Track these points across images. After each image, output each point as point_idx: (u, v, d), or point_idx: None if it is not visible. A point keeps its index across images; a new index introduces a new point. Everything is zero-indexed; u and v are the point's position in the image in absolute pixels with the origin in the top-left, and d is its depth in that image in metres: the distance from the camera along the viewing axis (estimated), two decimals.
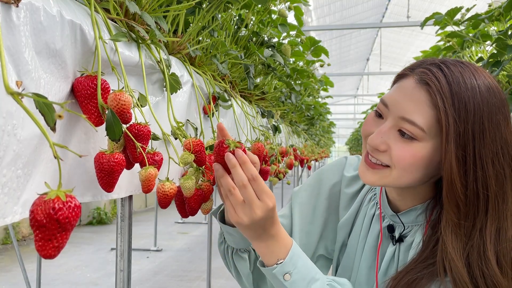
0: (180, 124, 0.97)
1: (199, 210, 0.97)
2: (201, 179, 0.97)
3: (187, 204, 0.95)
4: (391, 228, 0.91)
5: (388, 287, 0.80)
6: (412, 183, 0.80)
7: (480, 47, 2.30)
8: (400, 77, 0.83)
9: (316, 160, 5.63)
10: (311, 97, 3.92)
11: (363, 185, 1.01)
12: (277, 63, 1.87)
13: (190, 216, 0.98)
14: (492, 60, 1.82)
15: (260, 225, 0.74)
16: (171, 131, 0.97)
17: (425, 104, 0.75)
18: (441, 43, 2.64)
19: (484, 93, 0.74)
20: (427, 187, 0.85)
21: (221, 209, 0.91)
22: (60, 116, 0.43)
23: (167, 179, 0.86)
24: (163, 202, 0.85)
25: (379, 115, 0.83)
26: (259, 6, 1.70)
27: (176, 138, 0.97)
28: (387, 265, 0.89)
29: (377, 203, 0.96)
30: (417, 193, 0.86)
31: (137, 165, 0.82)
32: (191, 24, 1.25)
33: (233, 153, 0.73)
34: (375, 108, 0.86)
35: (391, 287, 0.80)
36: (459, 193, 0.73)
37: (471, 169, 0.73)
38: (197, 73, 1.27)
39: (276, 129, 2.25)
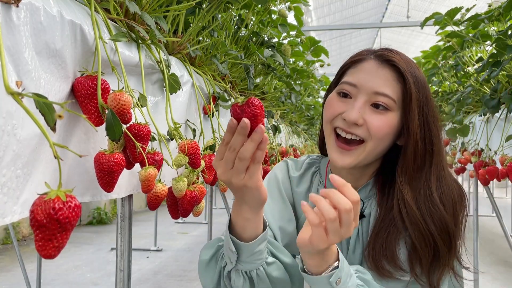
0: (178, 125, 0.97)
1: (191, 212, 0.97)
2: (195, 181, 0.97)
3: (180, 206, 0.95)
4: None
5: (368, 256, 0.88)
6: (381, 153, 0.92)
7: (480, 47, 2.30)
8: (355, 62, 0.93)
9: None
10: (311, 97, 3.92)
11: (311, 182, 1.05)
12: (277, 63, 1.86)
13: (189, 216, 0.98)
14: (492, 60, 1.82)
15: None
16: (168, 132, 0.97)
17: (391, 79, 0.88)
18: (441, 43, 2.65)
19: (421, 72, 0.93)
20: (375, 163, 0.97)
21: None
22: (60, 116, 0.43)
23: (159, 180, 0.86)
24: (153, 203, 0.85)
25: (344, 96, 0.91)
26: (259, 6, 1.70)
27: (172, 139, 0.97)
28: (354, 244, 0.95)
29: None
30: (367, 171, 0.97)
31: (137, 165, 0.82)
32: (191, 24, 1.26)
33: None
34: (334, 92, 0.93)
35: (369, 254, 0.88)
36: (419, 150, 0.89)
37: (424, 130, 0.90)
38: (197, 73, 1.27)
39: (276, 129, 2.25)
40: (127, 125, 0.75)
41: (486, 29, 2.13)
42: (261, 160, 0.69)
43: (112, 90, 0.70)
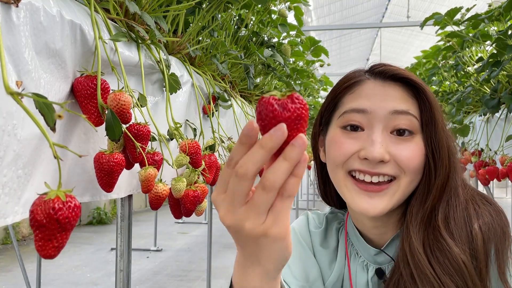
0: (178, 125, 0.97)
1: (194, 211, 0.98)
2: (196, 180, 0.98)
3: (183, 206, 0.95)
4: (380, 273, 0.80)
5: None
6: (413, 188, 0.75)
7: (480, 47, 2.30)
8: (349, 87, 0.76)
9: None
10: (311, 97, 3.92)
11: (338, 239, 0.88)
12: (277, 63, 1.86)
13: (189, 216, 0.98)
14: (492, 60, 1.82)
15: None
16: (168, 132, 0.97)
17: (406, 96, 0.73)
18: (441, 43, 2.64)
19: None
20: (401, 207, 0.77)
21: None
22: (60, 116, 0.43)
23: (160, 180, 0.86)
24: (155, 203, 0.85)
25: (353, 129, 0.73)
26: (259, 6, 1.70)
27: (172, 139, 0.97)
28: None
29: (359, 256, 0.84)
30: (393, 218, 0.78)
31: (137, 165, 0.82)
32: (191, 24, 1.25)
33: None
34: (336, 128, 0.76)
35: None
36: (446, 177, 0.72)
37: (448, 149, 0.73)
38: (197, 73, 1.27)
39: None
40: (127, 125, 0.75)
41: (486, 29, 2.13)
42: (294, 193, 0.42)
43: (112, 90, 0.70)
